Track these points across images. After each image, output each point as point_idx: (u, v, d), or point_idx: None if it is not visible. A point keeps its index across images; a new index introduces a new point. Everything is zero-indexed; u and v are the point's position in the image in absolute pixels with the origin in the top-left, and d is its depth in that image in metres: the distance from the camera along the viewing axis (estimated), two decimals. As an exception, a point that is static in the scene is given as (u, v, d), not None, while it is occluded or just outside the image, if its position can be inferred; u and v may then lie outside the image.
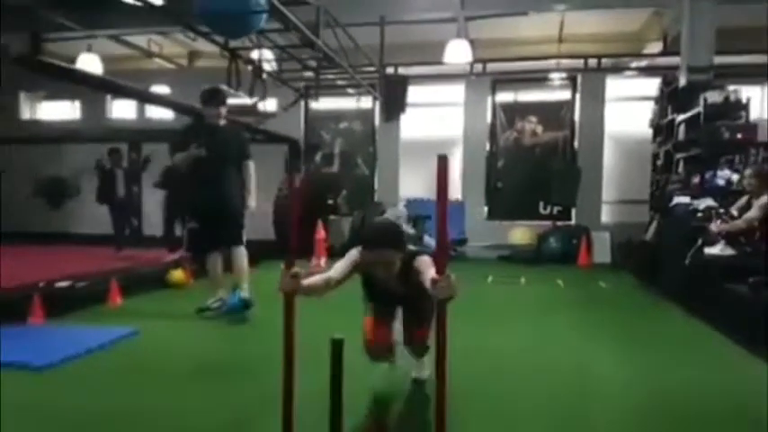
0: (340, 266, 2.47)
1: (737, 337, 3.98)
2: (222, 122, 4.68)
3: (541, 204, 9.96)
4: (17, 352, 3.45)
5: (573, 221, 9.81)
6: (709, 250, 4.91)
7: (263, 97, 6.80)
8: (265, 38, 6.49)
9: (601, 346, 3.95)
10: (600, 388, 3.08)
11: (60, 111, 11.91)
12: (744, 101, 6.45)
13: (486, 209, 10.28)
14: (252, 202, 4.75)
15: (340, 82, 9.12)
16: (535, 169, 9.98)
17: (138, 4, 5.04)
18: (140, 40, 9.95)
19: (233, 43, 6.35)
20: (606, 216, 9.82)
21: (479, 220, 10.08)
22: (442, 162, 1.74)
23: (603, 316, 5.09)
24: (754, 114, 6.86)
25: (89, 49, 9.32)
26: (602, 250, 9.11)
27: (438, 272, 1.87)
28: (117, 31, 9.16)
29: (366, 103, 10.63)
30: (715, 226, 5.03)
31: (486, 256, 9.48)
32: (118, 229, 8.78)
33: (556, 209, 9.86)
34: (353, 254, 2.50)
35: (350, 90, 9.81)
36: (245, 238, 4.87)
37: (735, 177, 5.97)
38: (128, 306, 5.17)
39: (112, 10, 6.64)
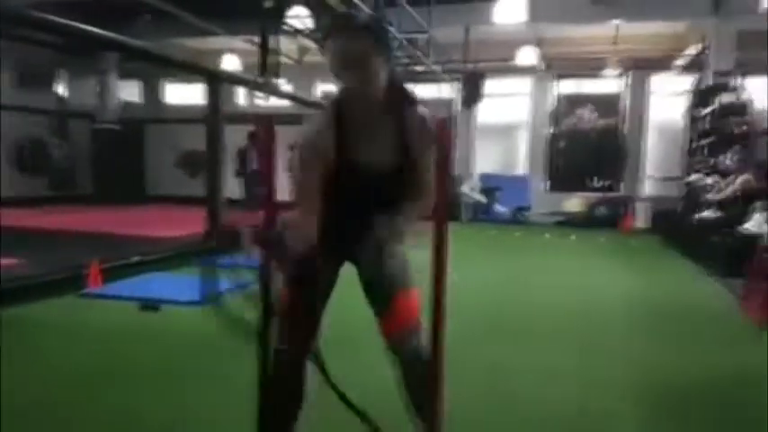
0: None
1: (709, 269, 6.03)
2: None
3: (595, 179, 11.92)
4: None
5: (621, 193, 11.71)
6: (701, 214, 6.88)
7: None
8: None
9: (615, 270, 6.19)
10: (604, 288, 5.32)
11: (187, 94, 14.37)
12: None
13: (547, 182, 12.31)
14: None
15: (427, 76, 11.21)
16: (590, 150, 11.94)
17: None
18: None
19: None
20: (649, 189, 11.64)
21: (541, 192, 12.13)
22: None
23: (623, 257, 7.22)
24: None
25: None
26: (643, 218, 10.96)
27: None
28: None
29: (447, 92, 12.73)
30: (711, 195, 6.96)
31: (545, 221, 11.49)
32: (247, 196, 11.39)
33: (606, 182, 11.80)
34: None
35: (434, 82, 11.92)
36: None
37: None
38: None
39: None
